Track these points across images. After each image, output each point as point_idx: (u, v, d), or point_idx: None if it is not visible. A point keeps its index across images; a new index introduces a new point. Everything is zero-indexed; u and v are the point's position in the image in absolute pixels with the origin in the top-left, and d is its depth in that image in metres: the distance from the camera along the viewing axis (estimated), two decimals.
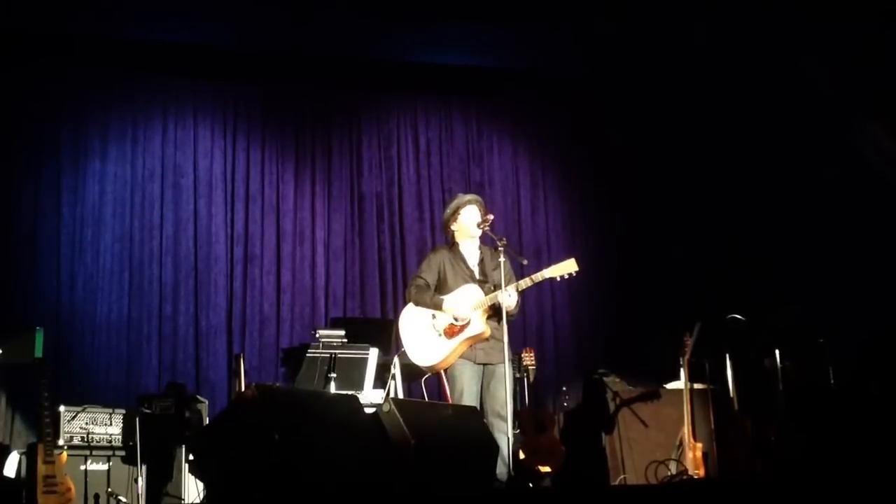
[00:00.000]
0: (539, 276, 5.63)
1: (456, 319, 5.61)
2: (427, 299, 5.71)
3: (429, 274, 5.80)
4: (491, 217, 5.77)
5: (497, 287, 5.49)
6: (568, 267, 5.65)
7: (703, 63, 8.35)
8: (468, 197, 5.94)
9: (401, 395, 6.70)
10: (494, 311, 5.55)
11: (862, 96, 7.79)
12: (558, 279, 5.68)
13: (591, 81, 8.90)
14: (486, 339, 5.60)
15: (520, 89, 8.95)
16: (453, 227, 5.89)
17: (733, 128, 8.55)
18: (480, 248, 5.90)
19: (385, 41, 8.29)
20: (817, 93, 7.89)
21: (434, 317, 5.68)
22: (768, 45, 7.98)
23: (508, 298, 5.52)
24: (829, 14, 7.41)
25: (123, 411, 6.29)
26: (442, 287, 5.76)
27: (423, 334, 5.69)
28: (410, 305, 5.81)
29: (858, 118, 7.90)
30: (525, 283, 5.61)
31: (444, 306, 5.63)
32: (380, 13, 7.76)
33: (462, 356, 5.62)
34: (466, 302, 5.62)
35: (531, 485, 6.42)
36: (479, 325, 5.58)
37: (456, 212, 5.86)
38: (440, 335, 5.64)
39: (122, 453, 6.13)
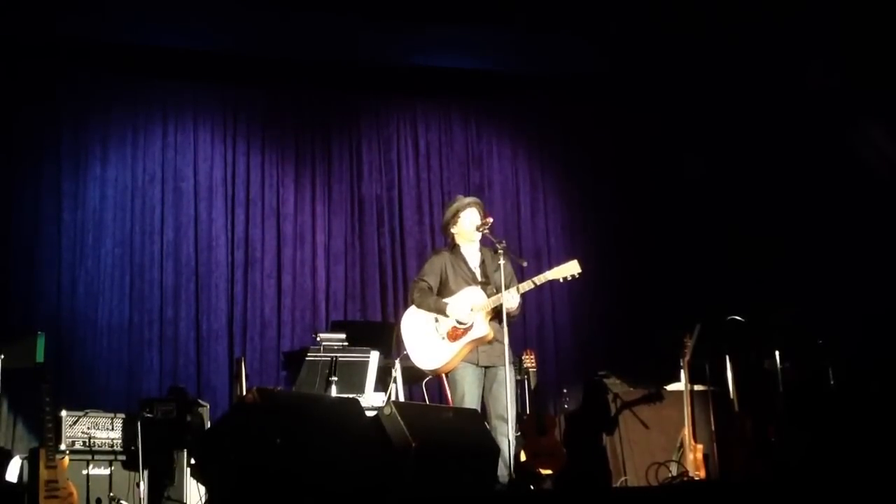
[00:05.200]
0: (542, 277, 5.61)
1: (459, 324, 5.61)
2: (430, 303, 5.69)
3: (431, 276, 5.79)
4: (490, 220, 5.76)
5: (499, 289, 5.49)
6: (571, 269, 5.62)
7: (702, 63, 8.36)
8: (468, 200, 5.92)
9: (402, 398, 6.71)
10: (496, 313, 5.54)
11: (862, 97, 7.80)
12: (561, 281, 5.67)
13: (590, 83, 8.91)
14: (490, 342, 5.59)
15: (519, 92, 8.96)
16: (453, 229, 5.89)
17: (732, 128, 8.57)
18: (481, 250, 5.90)
19: (384, 45, 8.30)
20: (818, 93, 7.89)
21: (437, 320, 5.66)
22: (767, 45, 7.99)
23: (511, 300, 5.52)
24: (833, 14, 7.43)
25: (124, 415, 6.32)
26: (444, 289, 5.75)
27: (426, 338, 5.67)
28: (412, 308, 5.78)
29: (858, 119, 7.91)
30: (527, 285, 5.59)
31: (448, 311, 5.61)
32: (379, 17, 7.77)
33: (464, 359, 5.61)
34: (468, 305, 5.61)
35: (532, 487, 6.42)
36: (482, 327, 5.57)
37: (456, 215, 5.85)
38: (443, 338, 5.62)
39: (124, 458, 6.14)
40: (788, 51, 7.96)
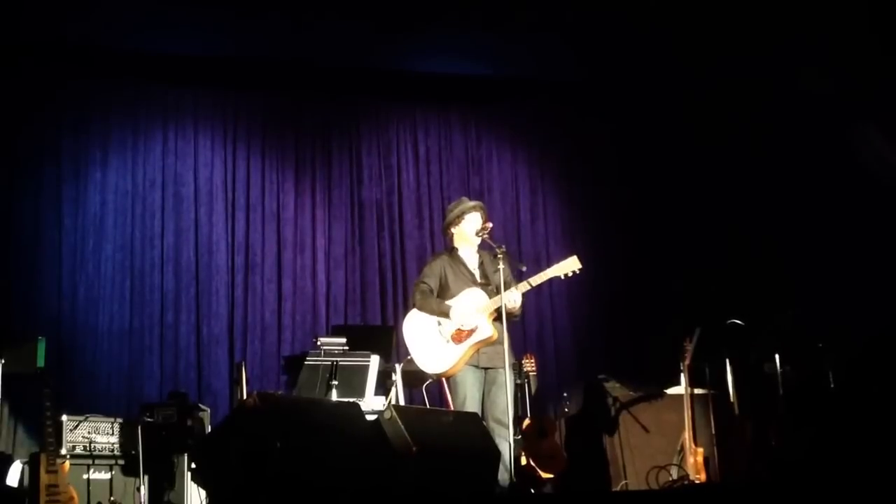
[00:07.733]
0: (543, 275, 5.62)
1: (464, 327, 5.60)
2: (434, 306, 5.68)
3: (432, 279, 5.79)
4: (490, 225, 5.77)
5: (498, 290, 5.48)
6: (571, 265, 5.62)
7: (702, 67, 8.38)
8: (472, 203, 5.93)
9: (402, 402, 6.71)
10: (498, 314, 5.53)
11: (860, 100, 7.81)
12: (562, 277, 5.67)
13: (590, 88, 8.93)
14: (493, 343, 5.58)
15: (518, 96, 8.98)
16: (454, 230, 5.90)
17: (732, 132, 8.58)
18: (479, 252, 5.90)
19: (384, 50, 8.32)
20: (816, 97, 7.91)
21: (439, 322, 5.65)
22: (766, 48, 8.01)
23: (513, 298, 5.51)
24: (826, 18, 7.45)
25: (124, 420, 6.32)
26: (444, 292, 5.75)
27: (430, 341, 5.65)
28: (414, 311, 5.77)
29: (856, 121, 7.92)
30: (526, 285, 5.60)
31: (452, 315, 5.60)
32: (378, 22, 7.79)
33: (467, 362, 5.60)
34: (472, 307, 5.60)
35: (533, 491, 6.42)
36: (486, 329, 5.55)
37: (460, 217, 5.86)
38: (448, 341, 5.60)
39: (124, 462, 6.14)
40: (785, 55, 7.98)
